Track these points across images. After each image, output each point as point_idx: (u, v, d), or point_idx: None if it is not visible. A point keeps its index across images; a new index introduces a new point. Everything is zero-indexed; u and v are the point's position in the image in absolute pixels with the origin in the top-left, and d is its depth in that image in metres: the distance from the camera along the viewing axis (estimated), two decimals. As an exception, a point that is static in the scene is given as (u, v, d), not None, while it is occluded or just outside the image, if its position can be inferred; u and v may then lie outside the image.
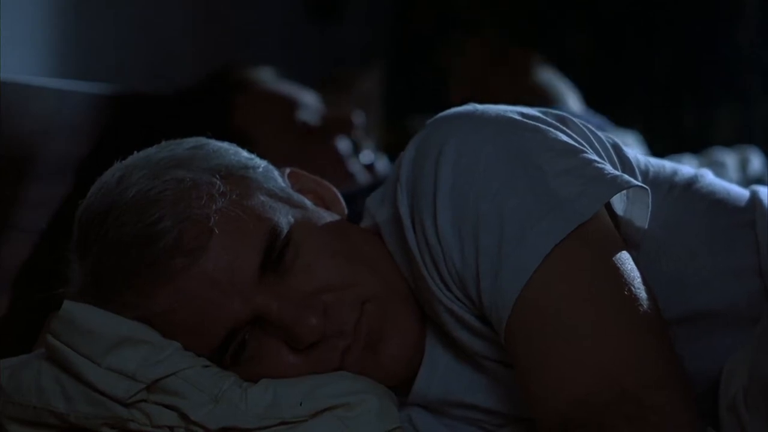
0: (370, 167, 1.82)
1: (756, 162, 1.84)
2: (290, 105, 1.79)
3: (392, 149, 1.87)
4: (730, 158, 1.87)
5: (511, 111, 0.99)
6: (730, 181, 1.63)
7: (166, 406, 0.96)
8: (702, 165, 1.76)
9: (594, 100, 2.24)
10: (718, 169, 1.76)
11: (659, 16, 2.69)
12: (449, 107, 1.01)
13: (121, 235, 0.96)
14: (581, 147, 0.96)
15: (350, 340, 0.99)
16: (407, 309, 1.02)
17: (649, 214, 0.96)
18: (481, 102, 1.01)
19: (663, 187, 1.04)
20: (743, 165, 1.83)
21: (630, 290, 0.90)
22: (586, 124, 1.02)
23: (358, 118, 1.83)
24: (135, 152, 1.04)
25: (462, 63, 2.09)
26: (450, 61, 2.05)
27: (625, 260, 0.92)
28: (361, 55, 2.70)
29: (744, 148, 1.91)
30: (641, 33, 2.70)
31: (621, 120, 2.43)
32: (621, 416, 0.84)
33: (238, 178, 1.01)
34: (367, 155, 1.83)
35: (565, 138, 0.96)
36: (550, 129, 0.97)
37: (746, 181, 1.71)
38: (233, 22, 2.38)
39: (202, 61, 2.18)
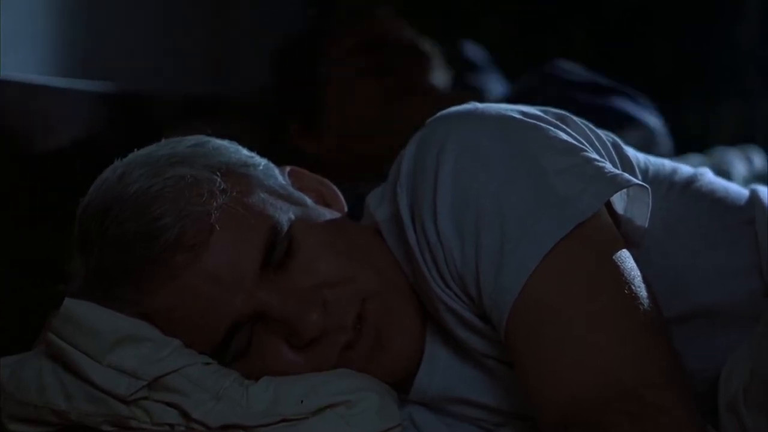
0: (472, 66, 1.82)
1: (757, 161, 1.84)
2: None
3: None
4: (736, 158, 1.87)
5: (511, 110, 0.99)
6: (738, 179, 1.63)
7: (168, 404, 0.96)
8: (707, 164, 1.76)
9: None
10: (725, 168, 1.76)
11: (660, 16, 2.69)
12: None
13: (122, 231, 0.96)
14: (581, 145, 0.97)
15: (350, 335, 0.99)
16: (408, 306, 1.03)
17: (649, 212, 0.96)
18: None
19: (663, 185, 1.05)
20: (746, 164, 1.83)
21: (630, 289, 0.90)
22: (586, 122, 1.02)
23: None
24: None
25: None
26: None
27: (626, 259, 0.92)
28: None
29: (746, 148, 1.92)
30: (641, 33, 2.70)
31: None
32: (622, 414, 0.84)
33: (239, 176, 1.01)
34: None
35: (565, 136, 0.96)
36: (551, 127, 0.97)
37: (750, 180, 1.71)
38: (234, 20, 2.38)
39: (203, 59, 2.18)
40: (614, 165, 1.00)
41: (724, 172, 1.71)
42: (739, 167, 1.83)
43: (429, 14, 2.69)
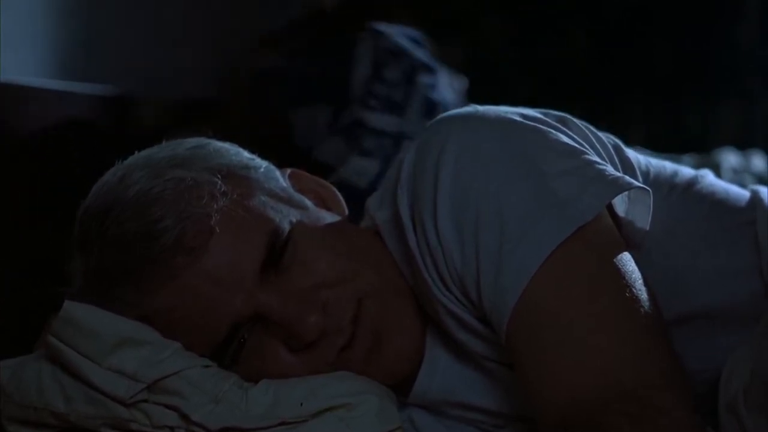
0: None
1: (755, 162, 1.85)
2: None
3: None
4: (730, 153, 1.87)
5: (511, 112, 0.99)
6: (728, 172, 1.63)
7: (167, 407, 0.96)
8: (699, 163, 1.77)
9: (594, 100, 2.23)
10: (716, 162, 1.77)
11: (660, 16, 2.69)
12: None
13: (122, 231, 0.96)
14: (582, 148, 0.97)
15: (348, 336, 0.99)
16: (408, 307, 1.03)
17: (650, 215, 0.96)
18: None
19: (663, 187, 1.05)
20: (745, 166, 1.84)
21: (631, 291, 0.90)
22: (587, 125, 1.02)
23: None
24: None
25: None
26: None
27: (627, 261, 0.92)
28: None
29: (747, 151, 1.92)
30: (641, 33, 2.70)
31: (621, 120, 2.42)
32: (622, 415, 0.84)
33: (240, 178, 1.01)
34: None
35: (566, 139, 0.96)
36: (551, 130, 0.97)
37: (740, 173, 1.72)
38: (235, 24, 2.39)
39: (203, 61, 2.18)
40: (615, 167, 1.00)
41: (713, 165, 1.71)
42: (731, 160, 1.83)
43: (429, 14, 2.69)
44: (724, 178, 1.36)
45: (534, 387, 0.90)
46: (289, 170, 1.09)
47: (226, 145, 1.06)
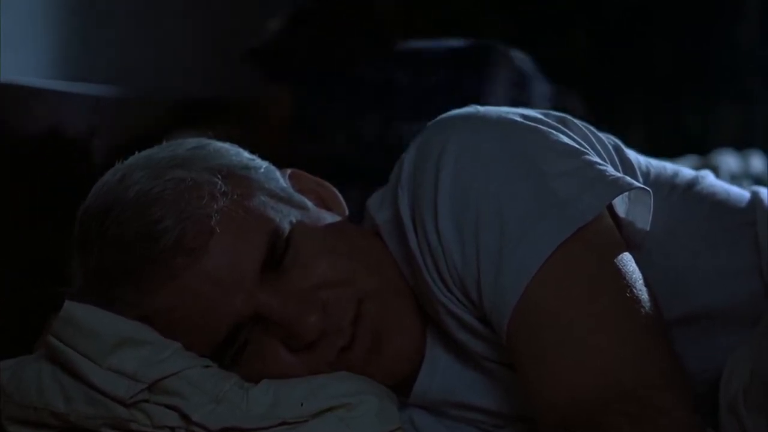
0: None
1: (755, 163, 1.85)
2: None
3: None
4: (729, 155, 1.88)
5: (512, 113, 0.99)
6: (725, 175, 1.63)
7: (167, 407, 0.96)
8: (700, 164, 1.77)
9: (594, 100, 2.23)
10: (714, 164, 1.77)
11: (660, 16, 2.69)
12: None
13: (123, 232, 0.96)
14: (583, 148, 0.97)
15: (347, 337, 0.99)
16: (408, 307, 1.03)
17: (650, 215, 0.96)
18: None
19: (664, 188, 1.05)
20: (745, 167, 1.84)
21: (631, 291, 0.90)
22: (587, 125, 1.02)
23: None
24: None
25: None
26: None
27: (627, 262, 0.92)
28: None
29: (746, 152, 1.92)
30: (641, 33, 2.70)
31: (621, 120, 2.42)
32: (622, 415, 0.84)
33: (240, 179, 1.01)
34: None
35: (566, 139, 0.96)
36: (551, 130, 0.97)
37: (740, 176, 1.72)
38: (234, 24, 2.39)
39: (203, 63, 2.18)
40: (615, 168, 1.00)
41: (711, 168, 1.72)
42: (730, 163, 1.84)
43: (429, 13, 2.70)
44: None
45: (534, 387, 0.90)
46: (289, 170, 1.09)
47: (226, 146, 1.06)
